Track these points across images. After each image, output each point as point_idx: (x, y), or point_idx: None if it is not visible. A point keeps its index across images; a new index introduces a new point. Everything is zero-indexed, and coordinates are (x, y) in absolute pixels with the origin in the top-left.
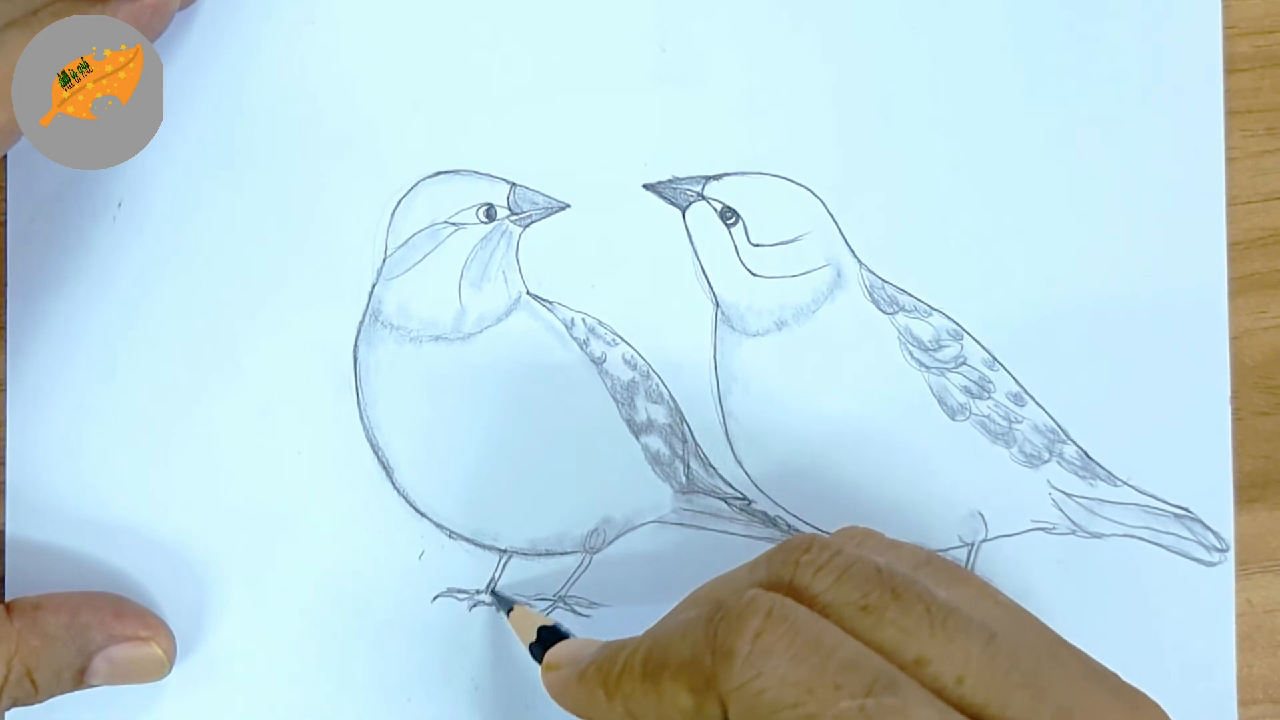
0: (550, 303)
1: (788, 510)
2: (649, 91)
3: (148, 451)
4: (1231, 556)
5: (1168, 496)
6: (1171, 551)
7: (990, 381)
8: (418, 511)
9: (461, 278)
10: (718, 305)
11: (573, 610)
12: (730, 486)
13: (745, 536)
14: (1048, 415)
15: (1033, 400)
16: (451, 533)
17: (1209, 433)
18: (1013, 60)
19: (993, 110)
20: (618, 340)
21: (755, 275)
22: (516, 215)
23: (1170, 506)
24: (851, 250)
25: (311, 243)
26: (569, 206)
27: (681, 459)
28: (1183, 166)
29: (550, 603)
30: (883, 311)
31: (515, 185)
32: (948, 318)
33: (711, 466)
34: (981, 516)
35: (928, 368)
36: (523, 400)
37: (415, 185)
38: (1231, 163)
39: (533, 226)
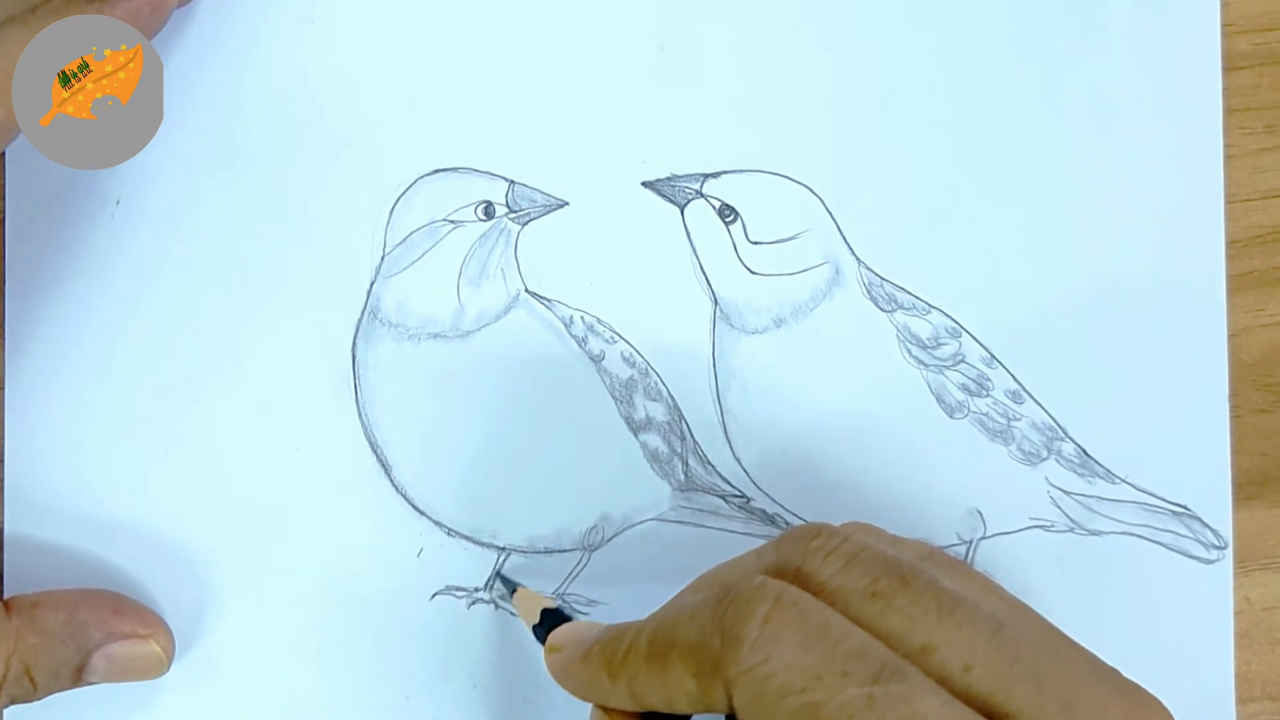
0: (549, 300)
1: (786, 508)
2: (648, 89)
3: (146, 449)
4: (1230, 554)
5: (1166, 494)
6: (1170, 549)
7: (988, 379)
8: (416, 509)
9: (460, 275)
10: (716, 303)
11: (571, 608)
12: (729, 484)
13: (744, 534)
14: (1046, 413)
15: (1031, 398)
16: (450, 530)
17: (1207, 430)
18: (1011, 58)
19: (992, 109)
20: (616, 338)
21: (754, 273)
22: (515, 213)
23: (1169, 504)
24: (850, 248)
25: (310, 240)
26: (567, 204)
27: (680, 456)
28: (1181, 164)
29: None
30: (881, 309)
31: (514, 183)
32: (946, 315)
33: (710, 464)
34: (980, 514)
35: (926, 365)
36: (521, 398)
37: (414, 183)
38: (1230, 160)
39: (531, 224)
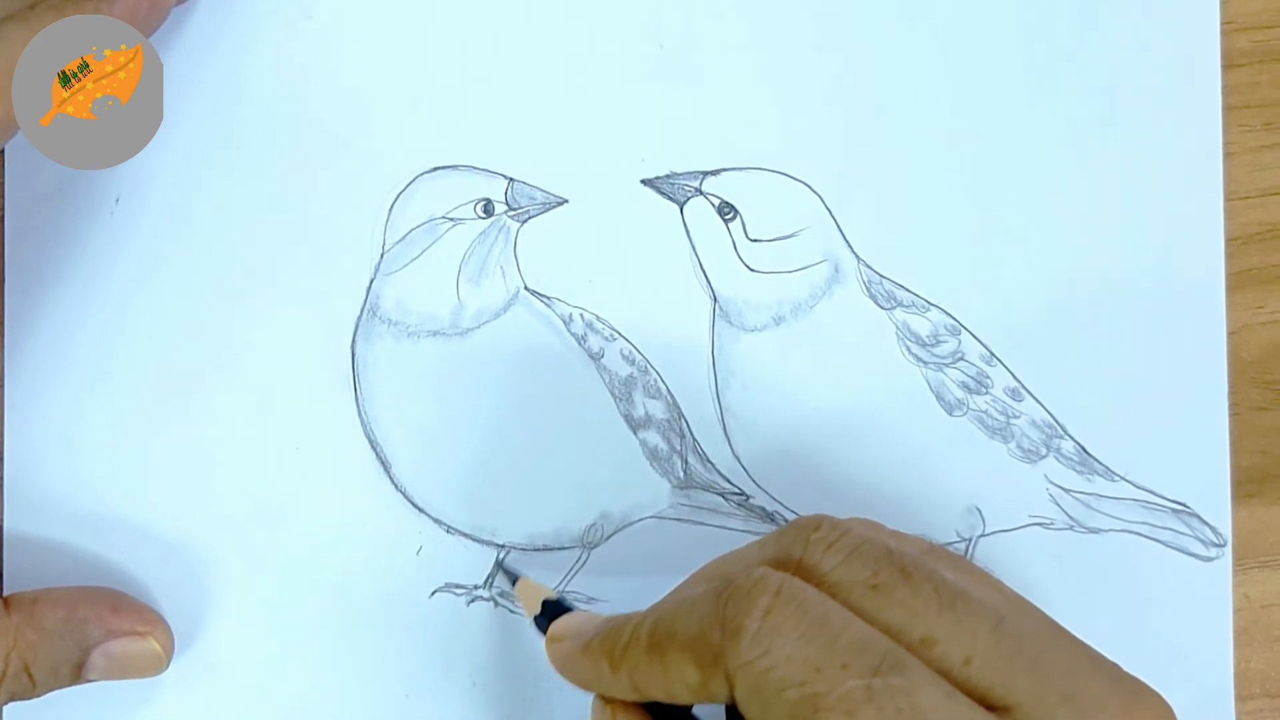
0: (548, 298)
1: (785, 505)
2: (647, 87)
3: (146, 446)
4: (1229, 552)
5: (1165, 492)
6: (1169, 547)
7: (988, 377)
8: (416, 507)
9: (459, 273)
10: (715, 300)
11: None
12: (728, 481)
13: (743, 531)
14: (1045, 410)
15: (1030, 395)
16: (449, 528)
17: (1206, 428)
18: (1010, 56)
19: (991, 107)
20: (616, 335)
21: (753, 270)
22: (514, 210)
23: (1168, 502)
24: (849, 245)
25: (309, 238)
26: (567, 202)
27: (679, 454)
28: (1181, 162)
29: None
30: (880, 307)
31: (513, 180)
32: (945, 313)
33: (709, 461)
34: (979, 512)
35: (925, 363)
36: (520, 395)
37: (413, 181)
38: (1229, 158)
39: (530, 222)
